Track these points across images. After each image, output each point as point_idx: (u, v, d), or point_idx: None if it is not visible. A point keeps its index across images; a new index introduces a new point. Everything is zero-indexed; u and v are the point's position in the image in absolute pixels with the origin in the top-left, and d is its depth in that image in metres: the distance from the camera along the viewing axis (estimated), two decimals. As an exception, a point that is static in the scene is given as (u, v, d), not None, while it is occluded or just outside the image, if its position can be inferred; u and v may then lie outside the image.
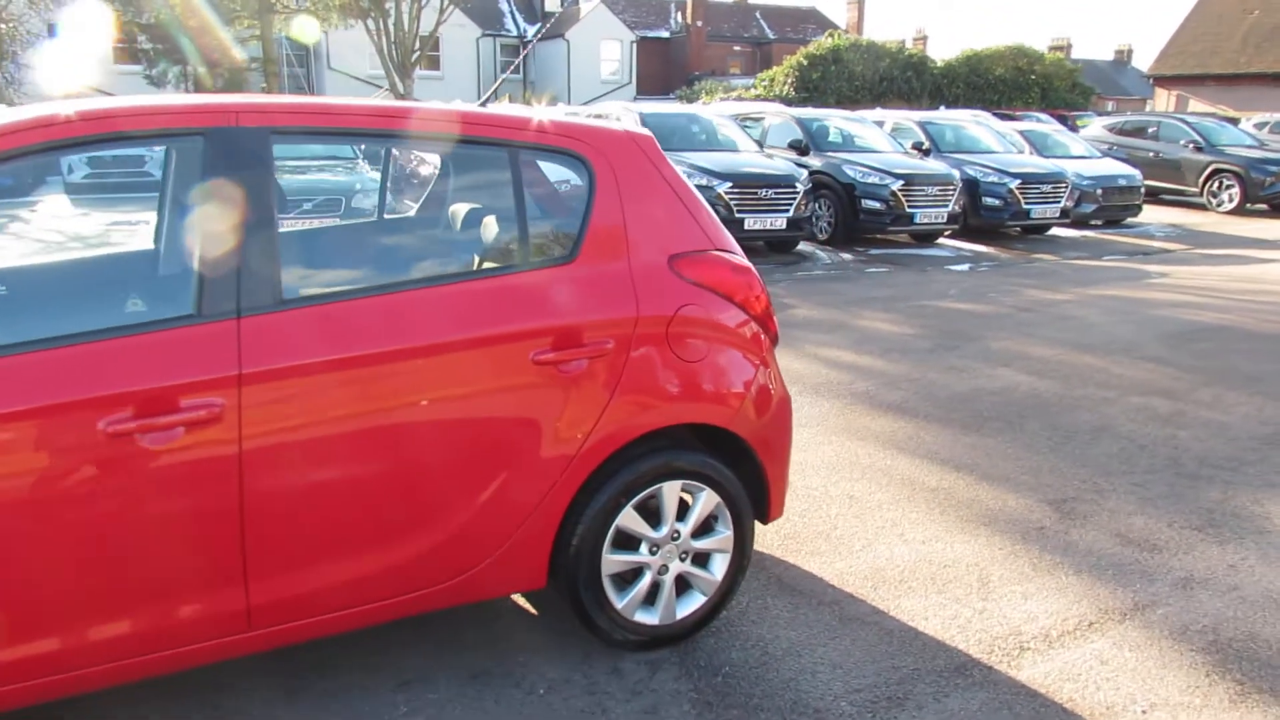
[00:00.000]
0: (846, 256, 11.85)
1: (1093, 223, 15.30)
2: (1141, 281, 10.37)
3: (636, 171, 2.92)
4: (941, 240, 13.27)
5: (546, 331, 2.67)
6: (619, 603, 2.93)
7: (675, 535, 2.98)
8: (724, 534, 3.06)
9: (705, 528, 3.05)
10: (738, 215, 10.94)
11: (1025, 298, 9.25)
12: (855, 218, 12.30)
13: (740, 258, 3.07)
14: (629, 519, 2.88)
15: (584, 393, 2.73)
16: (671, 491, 2.93)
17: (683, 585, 3.06)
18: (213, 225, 2.35)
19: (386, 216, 3.08)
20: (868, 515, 4.08)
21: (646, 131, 3.09)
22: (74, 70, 23.60)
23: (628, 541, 2.92)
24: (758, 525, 3.55)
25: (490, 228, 2.93)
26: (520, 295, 2.68)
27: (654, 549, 2.96)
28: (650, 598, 3.00)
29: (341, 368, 2.42)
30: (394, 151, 3.05)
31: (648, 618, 3.00)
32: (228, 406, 2.28)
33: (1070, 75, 31.51)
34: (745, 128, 14.00)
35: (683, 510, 2.99)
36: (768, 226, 11.17)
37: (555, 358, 2.67)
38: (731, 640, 3.12)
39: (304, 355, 2.38)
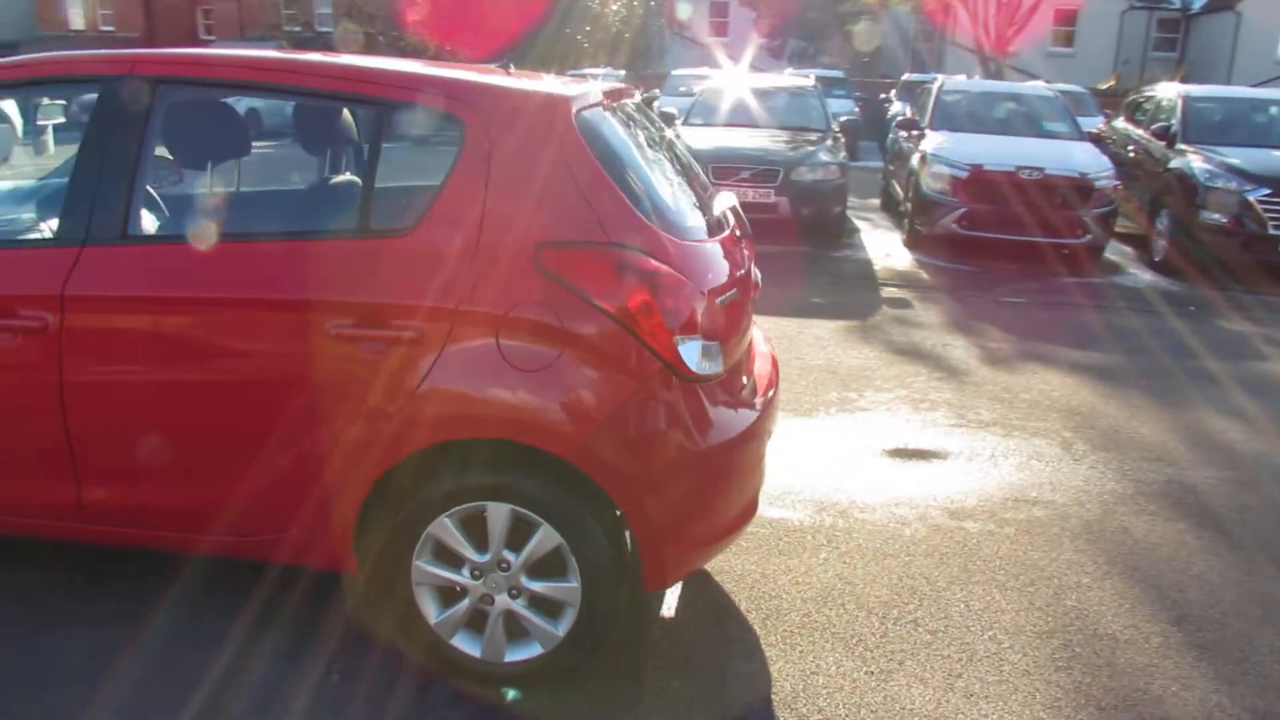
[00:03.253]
0: None
1: None
2: None
3: (524, 141, 2.49)
4: None
5: (352, 306, 2.46)
6: (434, 618, 2.63)
7: (504, 565, 2.55)
8: (570, 584, 2.53)
9: (550, 570, 2.55)
10: (1272, 232, 8.40)
11: None
12: None
13: (647, 260, 2.45)
14: (444, 530, 2.54)
15: (386, 379, 2.46)
16: (499, 514, 2.51)
17: (520, 629, 2.61)
18: (86, 161, 2.62)
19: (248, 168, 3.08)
20: (947, 638, 2.99)
21: (575, 93, 2.61)
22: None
23: (447, 556, 2.59)
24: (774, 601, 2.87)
25: (340, 188, 2.76)
26: (337, 262, 2.50)
27: (476, 574, 2.58)
28: (480, 628, 2.63)
29: (147, 306, 2.55)
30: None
31: (468, 647, 2.63)
32: (52, 323, 2.55)
33: None
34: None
35: (523, 541, 2.54)
36: (1319, 251, 8.38)
37: (353, 334, 2.46)
38: (550, 706, 2.59)
39: (118, 289, 2.55)
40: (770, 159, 9.38)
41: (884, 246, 9.83)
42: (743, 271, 2.91)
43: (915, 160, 9.62)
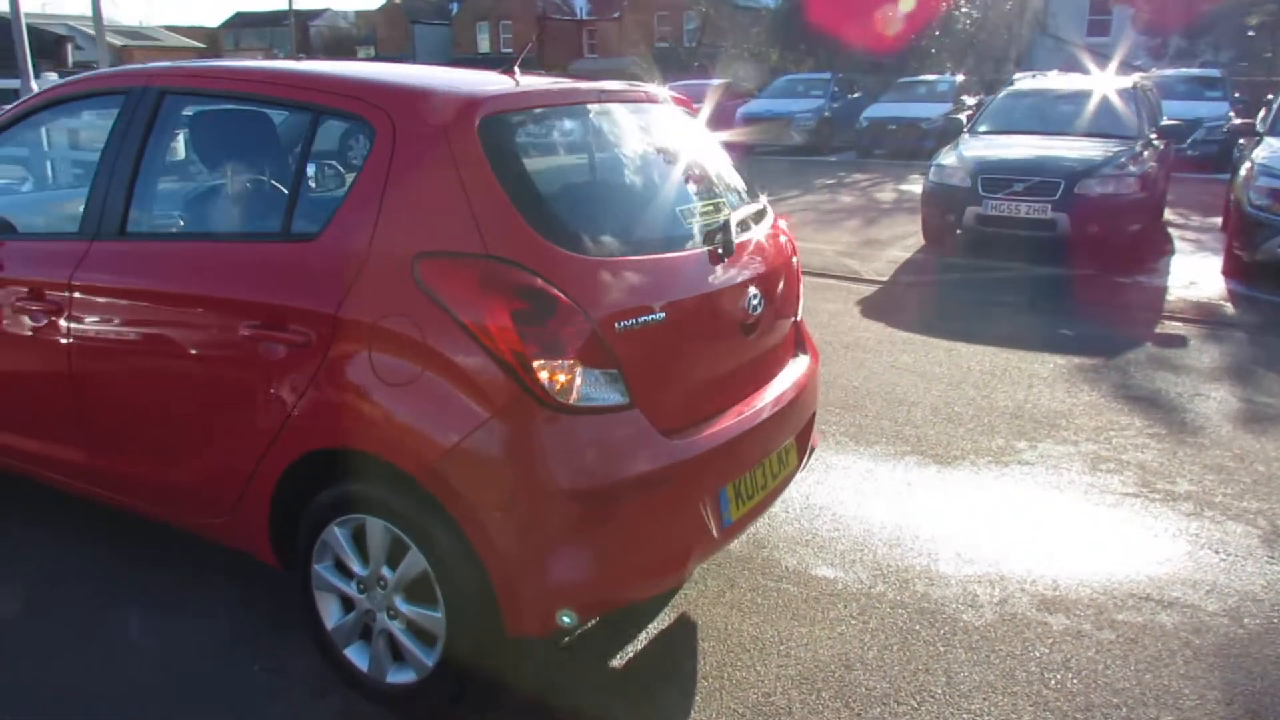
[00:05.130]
0: None
1: None
2: None
3: (422, 146, 2.37)
4: None
5: (259, 308, 2.50)
6: (329, 623, 2.61)
7: (383, 584, 2.47)
8: (436, 614, 2.39)
9: (422, 596, 2.42)
10: None
11: None
12: None
13: (522, 275, 2.23)
14: (334, 540, 2.52)
15: (281, 382, 2.47)
16: (375, 530, 2.43)
17: (400, 650, 2.51)
18: (105, 164, 2.91)
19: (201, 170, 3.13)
20: (920, 751, 2.43)
21: (493, 93, 2.44)
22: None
23: (341, 565, 2.55)
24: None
25: (271, 192, 2.75)
26: (256, 265, 2.56)
27: (362, 588, 2.52)
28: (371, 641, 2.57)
29: (120, 295, 2.80)
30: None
31: (359, 659, 2.59)
32: (64, 306, 2.88)
33: None
34: None
35: (399, 562, 2.44)
36: None
37: (254, 335, 2.50)
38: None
39: (105, 280, 2.82)
40: (1048, 170, 8.28)
41: (1193, 273, 8.30)
42: (696, 294, 2.56)
43: (1242, 172, 8.01)
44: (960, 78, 20.23)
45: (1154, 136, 9.21)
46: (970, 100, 19.34)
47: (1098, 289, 7.85)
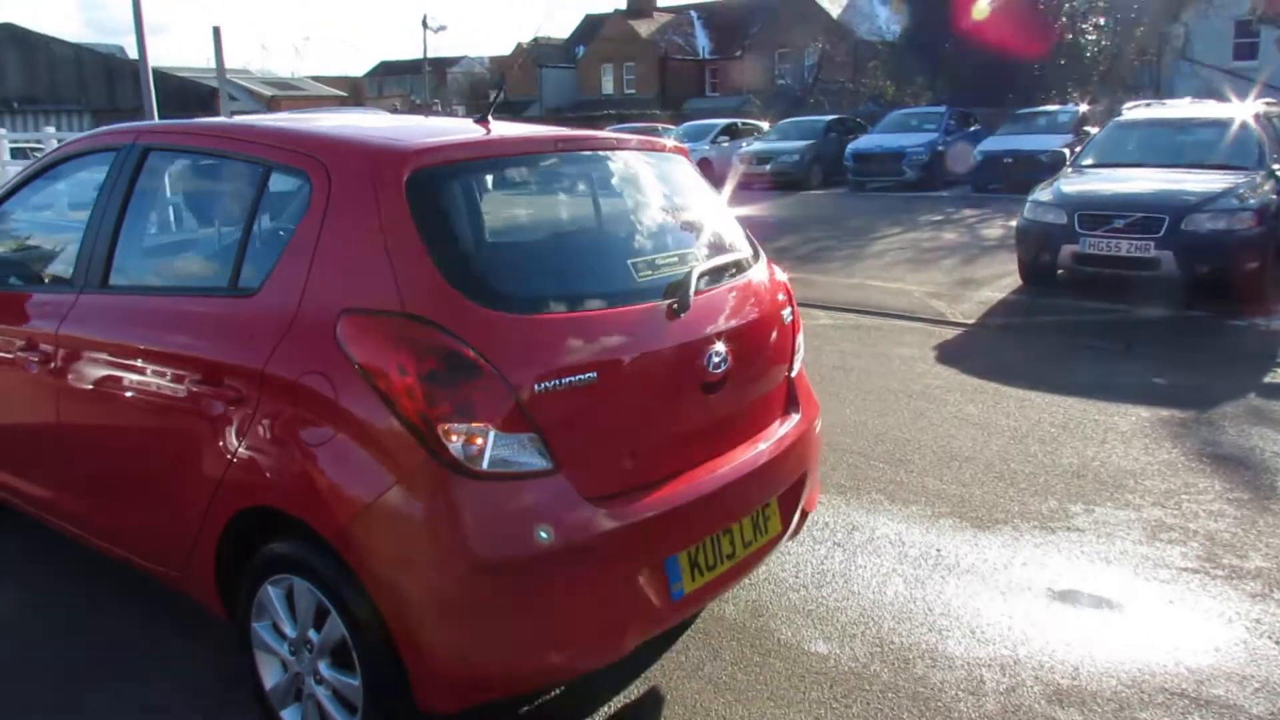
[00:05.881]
0: None
1: None
2: None
3: (351, 199, 2.33)
4: None
5: (204, 363, 2.51)
6: (268, 683, 2.55)
7: (310, 647, 2.40)
8: (354, 682, 2.30)
9: (345, 662, 2.34)
10: None
11: None
12: None
13: (434, 334, 2.14)
14: (267, 599, 2.47)
15: (220, 437, 2.46)
16: (302, 591, 2.38)
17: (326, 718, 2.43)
18: (94, 217, 3.00)
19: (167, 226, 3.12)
20: None
21: (427, 145, 2.38)
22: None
23: (276, 626, 2.50)
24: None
25: (225, 247, 2.74)
26: (207, 319, 2.57)
27: (293, 650, 2.46)
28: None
29: (94, 348, 2.87)
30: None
31: (293, 722, 2.52)
32: (52, 355, 2.97)
33: None
34: None
35: (323, 625, 2.37)
36: None
37: (197, 391, 2.50)
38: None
39: (85, 332, 2.89)
40: (1151, 205, 7.72)
41: (1321, 316, 7.56)
42: (638, 352, 2.41)
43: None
44: (1083, 108, 19.27)
45: (1278, 168, 8.49)
46: (1094, 131, 18.41)
47: (1205, 333, 7.25)
